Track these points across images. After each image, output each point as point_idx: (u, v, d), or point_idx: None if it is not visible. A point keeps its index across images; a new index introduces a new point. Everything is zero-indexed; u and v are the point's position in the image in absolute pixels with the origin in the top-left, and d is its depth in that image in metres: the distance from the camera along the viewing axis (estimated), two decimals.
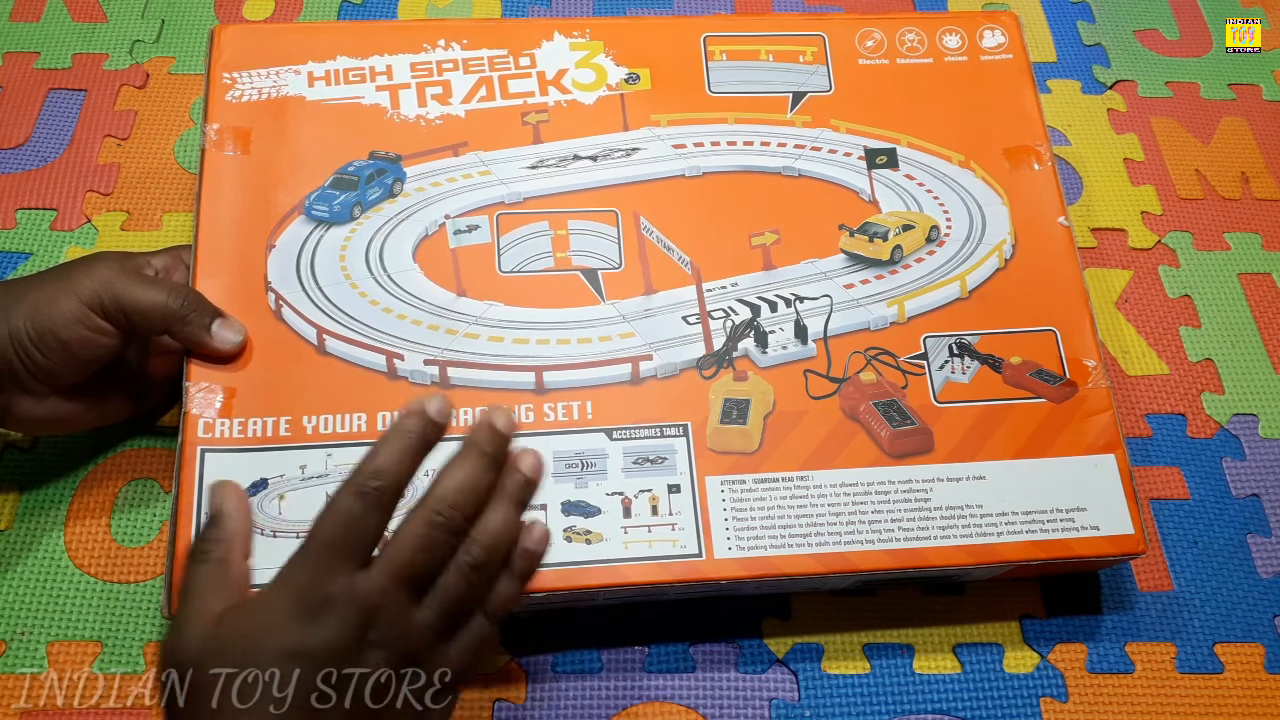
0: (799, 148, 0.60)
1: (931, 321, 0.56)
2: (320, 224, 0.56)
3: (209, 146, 0.56)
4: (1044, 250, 0.58)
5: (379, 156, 0.57)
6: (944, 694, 0.54)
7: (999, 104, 0.62)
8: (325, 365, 0.53)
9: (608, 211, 0.57)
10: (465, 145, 0.58)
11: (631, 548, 0.50)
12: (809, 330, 0.55)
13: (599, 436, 0.52)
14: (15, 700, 0.52)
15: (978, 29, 0.64)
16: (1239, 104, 0.75)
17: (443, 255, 0.56)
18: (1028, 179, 0.60)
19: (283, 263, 0.55)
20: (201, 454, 0.50)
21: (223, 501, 0.42)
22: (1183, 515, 0.59)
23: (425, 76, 0.59)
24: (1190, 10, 0.80)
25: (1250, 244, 0.69)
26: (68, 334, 0.49)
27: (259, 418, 0.51)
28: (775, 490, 0.52)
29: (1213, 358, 0.65)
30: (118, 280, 0.49)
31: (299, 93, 0.58)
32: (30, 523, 0.56)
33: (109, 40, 0.73)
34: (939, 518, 0.52)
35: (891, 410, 0.54)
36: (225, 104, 0.57)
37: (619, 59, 0.61)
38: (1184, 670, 0.55)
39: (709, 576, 0.50)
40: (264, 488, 0.50)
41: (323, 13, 0.75)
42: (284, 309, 0.53)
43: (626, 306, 0.55)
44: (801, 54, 0.62)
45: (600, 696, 0.53)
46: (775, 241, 0.57)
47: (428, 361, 0.53)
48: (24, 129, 0.69)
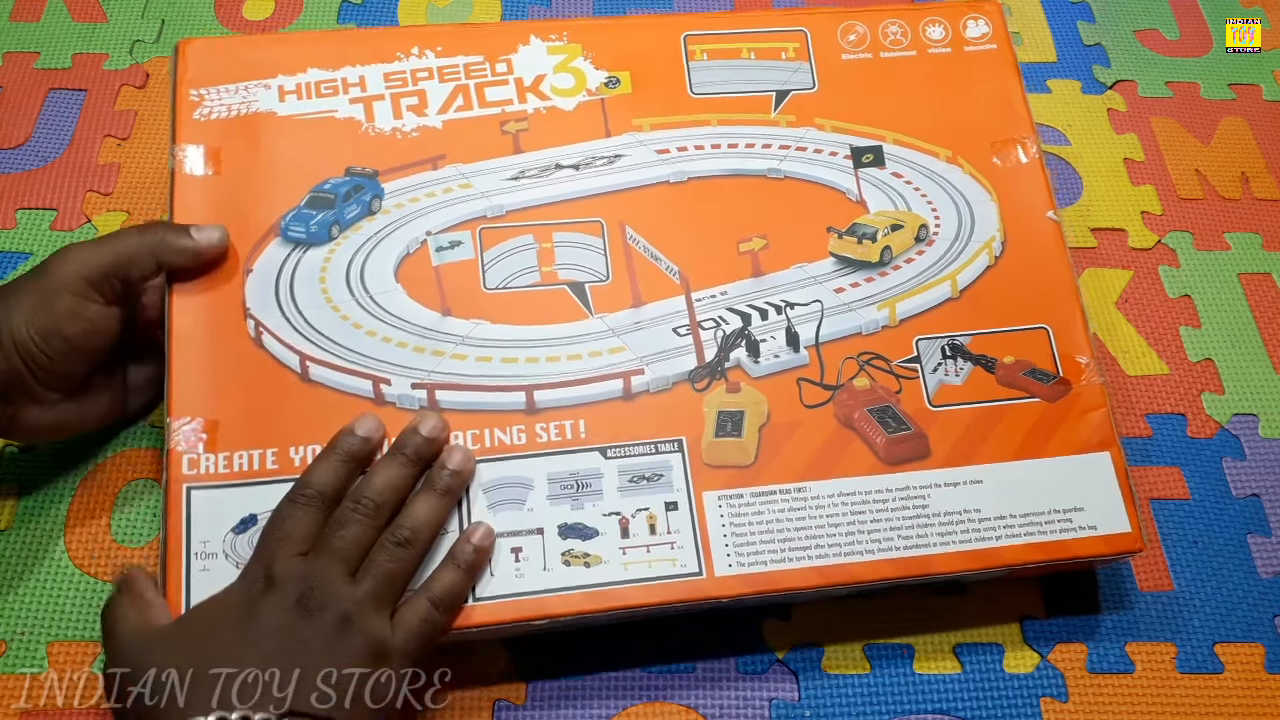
0: (784, 149, 0.59)
1: (923, 323, 0.56)
2: (298, 245, 0.54)
3: (177, 168, 0.55)
4: (1033, 246, 0.58)
5: (355, 173, 0.56)
6: (944, 694, 0.54)
7: (984, 96, 0.61)
8: (310, 393, 0.51)
9: (593, 222, 0.56)
10: (444, 158, 0.57)
11: (631, 569, 0.49)
12: (801, 337, 0.55)
13: (593, 456, 0.51)
14: (15, 700, 0.52)
15: (960, 19, 0.63)
16: (1239, 104, 0.75)
17: (426, 274, 0.54)
18: (1015, 173, 0.59)
19: (261, 287, 0.53)
20: (188, 492, 0.49)
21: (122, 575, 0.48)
22: (1183, 515, 0.59)
23: (399, 87, 0.58)
24: (1190, 10, 0.79)
25: (1250, 244, 0.69)
26: (72, 329, 0.49)
27: (245, 450, 0.50)
28: (773, 504, 0.51)
29: (1213, 358, 0.65)
30: (92, 253, 0.50)
31: (270, 108, 0.56)
32: (30, 523, 0.56)
33: (109, 40, 0.72)
34: (938, 524, 0.51)
35: (886, 416, 0.53)
36: (194, 123, 0.56)
37: (598, 62, 0.60)
38: (1184, 670, 0.55)
39: (711, 595, 0.49)
40: (253, 524, 0.49)
41: (323, 12, 0.74)
42: (264, 336, 0.52)
43: (615, 320, 0.54)
44: (784, 50, 0.61)
45: (600, 696, 0.53)
46: (763, 247, 0.56)
47: (415, 385, 0.52)
48: (24, 129, 0.68)
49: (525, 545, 0.49)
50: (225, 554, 0.48)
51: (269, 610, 0.44)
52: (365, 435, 0.49)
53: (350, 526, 0.47)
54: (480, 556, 0.48)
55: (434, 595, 0.47)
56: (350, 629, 0.44)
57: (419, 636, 0.46)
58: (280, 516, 0.47)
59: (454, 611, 0.48)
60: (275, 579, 0.45)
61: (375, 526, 0.47)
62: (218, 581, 0.46)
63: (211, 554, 0.48)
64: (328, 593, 0.44)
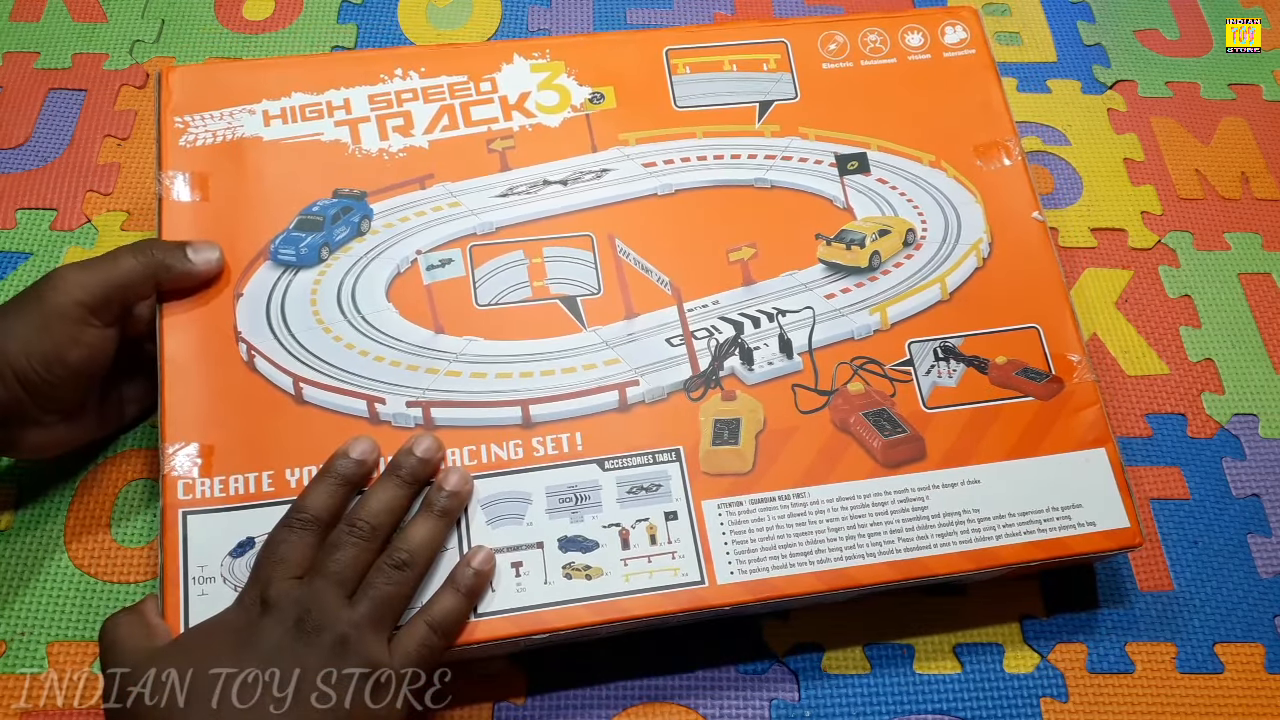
0: (769, 158, 0.59)
1: (915, 326, 0.56)
2: (288, 268, 0.54)
3: (165, 195, 0.54)
4: (1021, 247, 0.58)
5: (343, 194, 0.56)
6: (944, 694, 0.54)
7: (965, 101, 0.62)
8: (304, 415, 0.51)
9: (582, 236, 0.56)
10: (431, 177, 0.57)
11: (633, 580, 0.49)
12: (794, 344, 0.55)
13: (591, 468, 0.51)
14: (15, 700, 0.51)
15: (939, 26, 0.63)
16: (1239, 104, 0.75)
17: (417, 292, 0.54)
18: (999, 175, 0.60)
19: (252, 311, 0.53)
20: (184, 517, 0.48)
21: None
22: (1183, 515, 0.59)
23: (385, 108, 0.58)
24: (1190, 10, 0.80)
25: (1250, 244, 0.69)
26: (74, 355, 0.49)
27: (240, 474, 0.50)
28: (773, 510, 0.51)
29: (1213, 358, 0.65)
30: (87, 276, 0.49)
31: (255, 133, 0.56)
32: (30, 523, 0.56)
33: (109, 40, 0.72)
34: (937, 525, 0.51)
35: (882, 419, 0.53)
36: (179, 149, 0.56)
37: (581, 78, 0.60)
38: (1184, 670, 0.55)
39: (713, 603, 0.49)
40: (250, 547, 0.48)
41: (323, 13, 0.74)
42: (257, 359, 0.52)
43: (609, 332, 0.54)
44: (765, 62, 0.62)
45: (600, 697, 0.53)
46: (753, 256, 0.57)
47: (410, 404, 0.52)
48: (24, 129, 0.68)
49: (525, 559, 0.49)
50: (223, 578, 0.48)
51: (267, 634, 0.44)
52: (359, 458, 0.49)
53: (346, 549, 0.46)
54: (480, 581, 0.48)
55: (433, 619, 0.47)
56: (348, 651, 0.44)
57: (417, 661, 0.46)
58: (275, 541, 0.47)
59: (453, 636, 0.47)
60: (272, 603, 0.45)
61: (372, 549, 0.47)
62: (216, 605, 0.46)
63: (209, 578, 0.47)
64: (325, 615, 0.44)
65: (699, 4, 0.77)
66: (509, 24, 0.75)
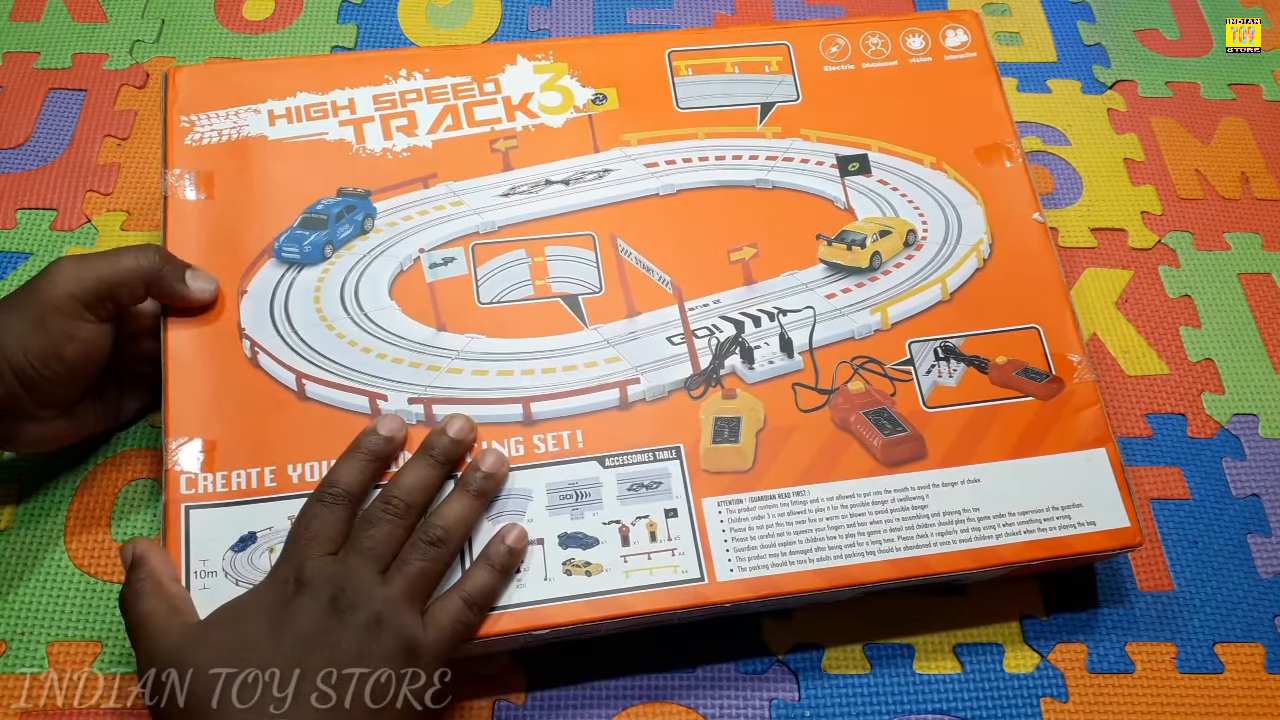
0: (771, 159, 0.60)
1: (915, 326, 0.56)
2: (292, 266, 0.55)
3: (170, 193, 0.55)
4: (1021, 248, 0.58)
5: (347, 193, 0.56)
6: (944, 694, 0.54)
7: (966, 103, 0.62)
8: (307, 411, 0.51)
9: (584, 235, 0.57)
10: (435, 176, 0.57)
11: (633, 576, 0.49)
12: (794, 343, 0.55)
13: (591, 465, 0.51)
14: (15, 700, 0.51)
15: (940, 29, 0.64)
16: (1239, 104, 0.75)
17: (420, 290, 0.55)
18: (1000, 177, 0.60)
19: (256, 308, 0.53)
20: (186, 511, 0.49)
21: (135, 551, 0.47)
22: (1183, 515, 0.59)
23: (389, 108, 0.58)
24: (1190, 10, 0.80)
25: (1250, 244, 0.69)
26: (70, 351, 0.49)
27: (242, 469, 0.50)
28: (773, 508, 0.51)
29: (1213, 358, 0.65)
30: (82, 270, 0.49)
31: (260, 132, 0.57)
32: (30, 523, 0.56)
33: (109, 40, 0.73)
34: (937, 524, 0.51)
35: (882, 418, 0.54)
36: (185, 148, 0.56)
37: (584, 79, 0.60)
38: (1184, 670, 0.55)
39: (713, 600, 0.49)
40: (252, 541, 0.49)
41: (323, 13, 0.75)
42: (260, 356, 0.52)
43: (610, 331, 0.55)
44: (767, 64, 0.62)
45: (600, 697, 0.53)
46: (754, 255, 0.57)
47: (412, 400, 0.52)
48: (24, 129, 0.69)
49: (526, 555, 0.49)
50: (225, 572, 0.48)
51: (302, 614, 0.44)
52: (388, 434, 0.50)
53: (381, 525, 0.47)
54: (513, 559, 0.48)
55: (468, 594, 0.47)
56: (383, 629, 0.44)
57: (452, 636, 0.46)
58: (308, 516, 0.47)
59: (486, 612, 0.47)
60: (306, 580, 0.45)
61: (405, 526, 0.47)
62: (217, 599, 0.46)
63: (211, 572, 0.48)
64: (359, 593, 0.44)
65: (699, 4, 0.77)
66: (509, 24, 0.75)
